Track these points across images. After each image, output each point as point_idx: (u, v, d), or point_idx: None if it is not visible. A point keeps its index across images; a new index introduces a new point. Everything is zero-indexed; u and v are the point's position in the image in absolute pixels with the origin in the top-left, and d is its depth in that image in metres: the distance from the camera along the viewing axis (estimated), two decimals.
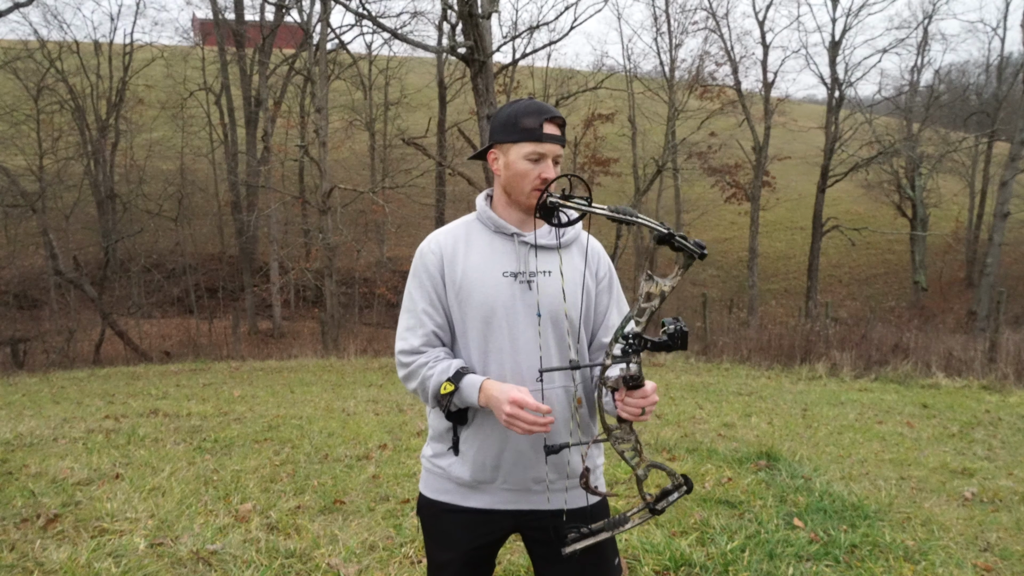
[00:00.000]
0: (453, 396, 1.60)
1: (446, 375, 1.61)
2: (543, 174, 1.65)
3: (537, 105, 1.66)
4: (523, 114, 1.65)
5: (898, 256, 28.51)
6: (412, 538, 3.41)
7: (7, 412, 7.09)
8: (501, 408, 1.52)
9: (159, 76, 24.87)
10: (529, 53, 23.08)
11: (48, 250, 18.34)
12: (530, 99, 1.70)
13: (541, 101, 1.69)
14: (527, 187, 1.67)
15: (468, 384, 1.59)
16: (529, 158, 1.65)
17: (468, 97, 22.96)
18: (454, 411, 1.64)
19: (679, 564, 3.12)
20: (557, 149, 1.66)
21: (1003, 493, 4.34)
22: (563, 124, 1.68)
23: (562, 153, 1.69)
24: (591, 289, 1.75)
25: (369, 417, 6.65)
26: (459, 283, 1.68)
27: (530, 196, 1.68)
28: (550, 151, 1.65)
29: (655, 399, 1.52)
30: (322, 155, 16.74)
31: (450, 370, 1.62)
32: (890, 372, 9.79)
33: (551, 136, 1.65)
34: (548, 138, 1.64)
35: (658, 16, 26.56)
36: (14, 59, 19.38)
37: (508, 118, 1.67)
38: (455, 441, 1.69)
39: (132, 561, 3.04)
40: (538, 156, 1.64)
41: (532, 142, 1.64)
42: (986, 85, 30.83)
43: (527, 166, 1.65)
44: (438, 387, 1.61)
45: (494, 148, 1.71)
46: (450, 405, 1.62)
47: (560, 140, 1.66)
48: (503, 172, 1.70)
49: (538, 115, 1.64)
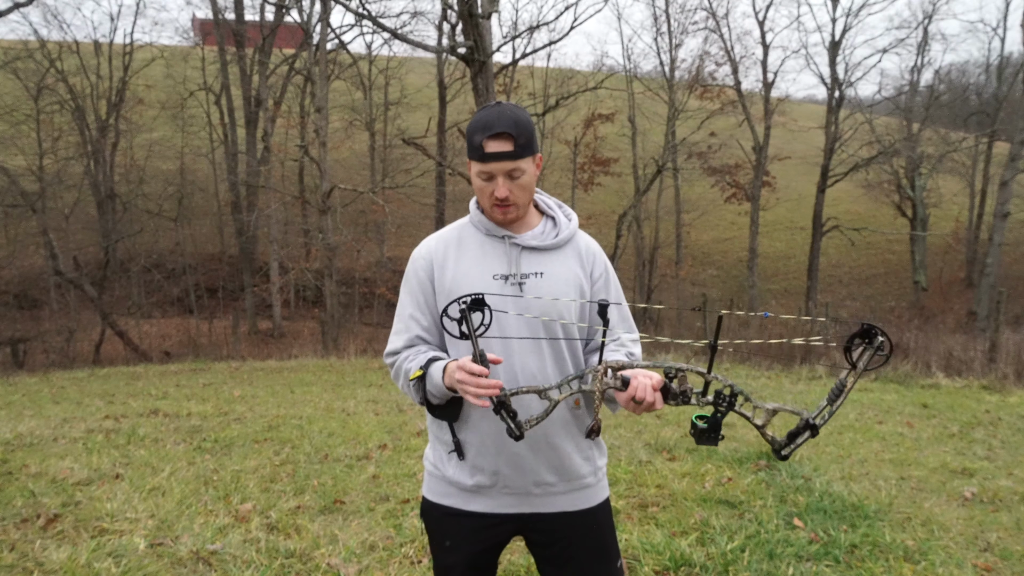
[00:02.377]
0: (424, 382, 1.59)
1: (418, 364, 1.61)
2: (496, 192, 1.60)
3: (486, 120, 1.57)
4: (473, 130, 1.59)
5: (898, 256, 28.51)
6: (412, 538, 3.40)
7: (7, 412, 7.09)
8: (454, 380, 1.49)
9: (159, 76, 24.87)
10: (529, 53, 23.11)
11: (48, 250, 18.35)
12: (495, 106, 1.59)
13: (500, 109, 1.58)
14: (487, 204, 1.65)
15: (435, 369, 1.58)
16: (480, 176, 1.61)
17: (468, 97, 22.96)
18: (435, 404, 1.63)
19: (679, 564, 3.12)
20: (505, 166, 1.57)
21: (1003, 493, 4.34)
22: (518, 135, 1.56)
23: (516, 167, 1.58)
24: (585, 290, 1.71)
25: (369, 417, 6.65)
26: (449, 288, 1.66)
27: (492, 211, 1.66)
28: (496, 170, 1.58)
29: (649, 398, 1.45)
30: (322, 155, 16.74)
31: (423, 359, 1.62)
32: (890, 372, 9.79)
33: (495, 155, 1.56)
34: (491, 157, 1.57)
35: (658, 16, 26.62)
36: (14, 59, 19.39)
37: (468, 132, 1.62)
38: (457, 444, 1.67)
39: (132, 561, 3.04)
40: (487, 175, 1.60)
41: (478, 162, 1.59)
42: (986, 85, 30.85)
43: (480, 183, 1.62)
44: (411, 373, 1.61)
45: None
46: (426, 394, 1.60)
47: (509, 155, 1.56)
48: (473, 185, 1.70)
49: (483, 132, 1.56)
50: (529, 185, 1.64)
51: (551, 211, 1.77)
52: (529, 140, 1.59)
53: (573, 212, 1.81)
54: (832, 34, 24.18)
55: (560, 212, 1.78)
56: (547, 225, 1.75)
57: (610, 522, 1.77)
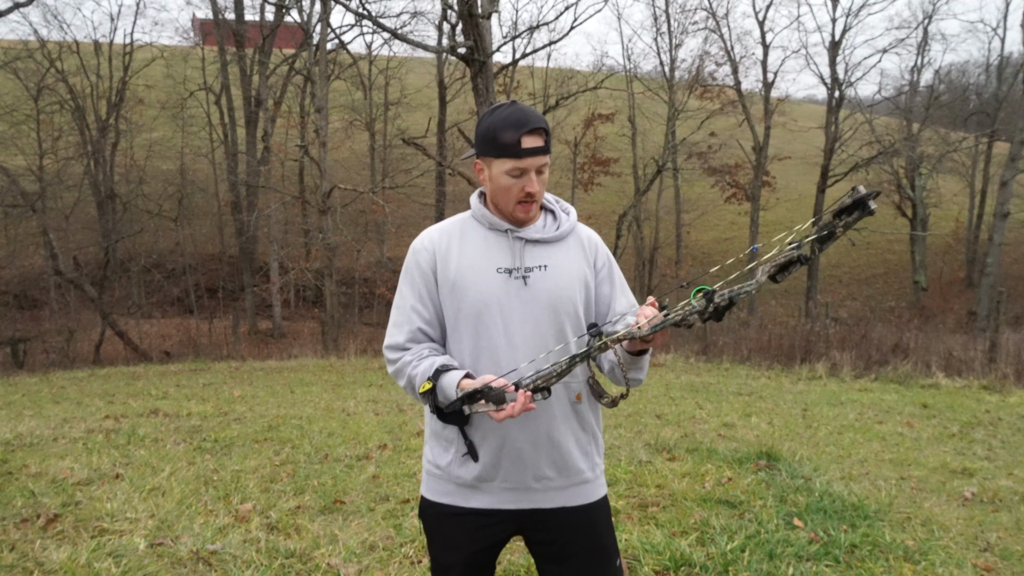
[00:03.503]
0: (434, 394, 1.58)
1: (427, 374, 1.60)
2: (526, 188, 1.62)
3: (516, 116, 1.58)
4: (501, 127, 1.58)
5: (898, 256, 28.51)
6: (412, 538, 3.40)
7: (7, 412, 7.09)
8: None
9: (159, 76, 24.86)
10: (529, 53, 23.09)
11: (48, 250, 18.35)
12: (511, 105, 1.61)
13: (521, 107, 1.60)
14: (512, 201, 1.65)
15: (446, 383, 1.56)
16: (511, 174, 1.61)
17: (468, 97, 22.96)
18: (447, 411, 1.61)
19: (679, 564, 3.12)
20: (540, 161, 1.60)
21: (1003, 493, 4.34)
22: (546, 131, 1.61)
23: (546, 162, 1.63)
24: (589, 281, 1.73)
25: (369, 417, 6.65)
26: (452, 280, 1.66)
27: (515, 210, 1.66)
28: (532, 165, 1.59)
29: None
30: (322, 155, 16.74)
31: (431, 369, 1.60)
32: (890, 372, 9.80)
33: (531, 150, 1.58)
34: (528, 152, 1.58)
35: (658, 16, 26.54)
36: (14, 59, 19.38)
37: (487, 131, 1.61)
38: (470, 446, 1.65)
39: (132, 561, 3.04)
40: (520, 172, 1.60)
41: (512, 158, 1.59)
42: (986, 85, 30.87)
43: (510, 181, 1.62)
44: (419, 386, 1.60)
45: (478, 159, 1.68)
46: (436, 403, 1.60)
47: (543, 150, 1.60)
48: (488, 185, 1.68)
49: (516, 129, 1.56)
50: (546, 181, 1.68)
51: (550, 205, 1.79)
52: (550, 135, 1.64)
53: (570, 206, 1.83)
54: (832, 34, 24.21)
55: (558, 206, 1.79)
56: (547, 219, 1.77)
57: (608, 520, 1.77)
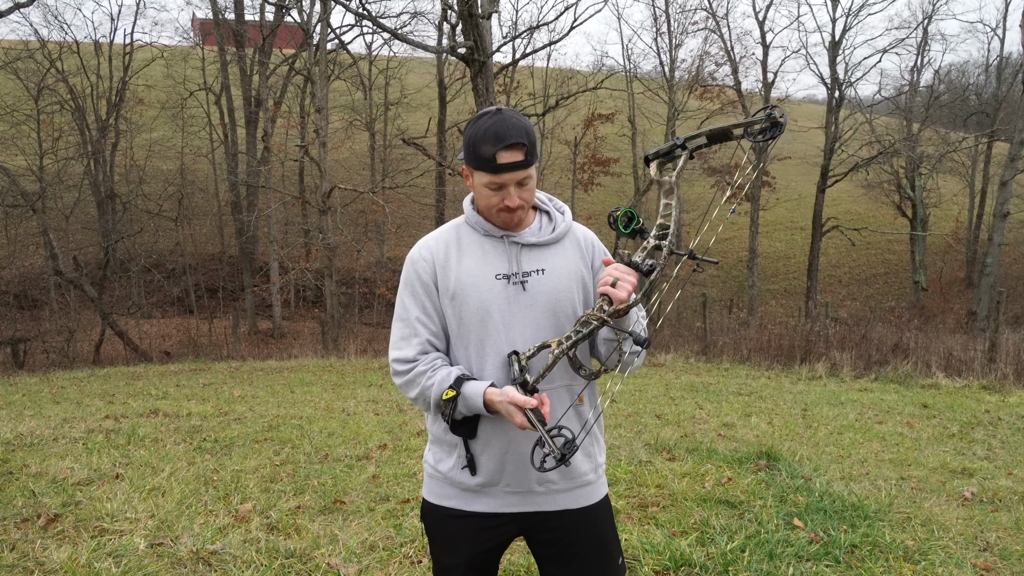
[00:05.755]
0: (456, 402, 1.58)
1: (447, 383, 1.59)
2: (505, 201, 1.61)
3: (495, 130, 1.54)
4: (480, 140, 1.56)
5: (898, 256, 28.52)
6: (412, 538, 3.40)
7: (7, 412, 7.09)
8: (513, 419, 1.51)
9: (159, 76, 24.87)
10: (529, 53, 23.15)
11: (48, 250, 18.34)
12: (495, 114, 1.57)
13: (504, 117, 1.56)
14: (493, 212, 1.65)
15: (471, 391, 1.57)
16: (489, 187, 1.60)
17: (468, 97, 22.98)
18: (459, 420, 1.61)
19: (679, 564, 3.12)
20: (518, 176, 1.57)
21: (1003, 493, 4.34)
22: (527, 144, 1.56)
23: (528, 175, 1.59)
24: (587, 281, 1.73)
25: (369, 417, 6.65)
26: (453, 289, 1.66)
27: (497, 218, 1.66)
28: (509, 180, 1.57)
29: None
30: (322, 155, 16.75)
31: (450, 377, 1.60)
32: (890, 372, 9.79)
33: (508, 166, 1.55)
34: (505, 168, 1.56)
35: (658, 16, 26.54)
36: (14, 59, 19.40)
37: (468, 142, 1.59)
38: (470, 459, 1.66)
39: (132, 561, 3.04)
40: (497, 186, 1.59)
41: (488, 173, 1.58)
42: (986, 85, 30.85)
43: (488, 193, 1.61)
44: (440, 395, 1.59)
45: (464, 166, 1.67)
46: (454, 412, 1.59)
47: (522, 165, 1.56)
48: (473, 192, 1.69)
49: (494, 143, 1.54)
50: (534, 189, 1.66)
51: (544, 205, 1.78)
52: (534, 145, 1.60)
53: (564, 205, 1.82)
54: (832, 34, 24.16)
55: (551, 205, 1.78)
56: (543, 220, 1.75)
57: (611, 519, 1.78)
